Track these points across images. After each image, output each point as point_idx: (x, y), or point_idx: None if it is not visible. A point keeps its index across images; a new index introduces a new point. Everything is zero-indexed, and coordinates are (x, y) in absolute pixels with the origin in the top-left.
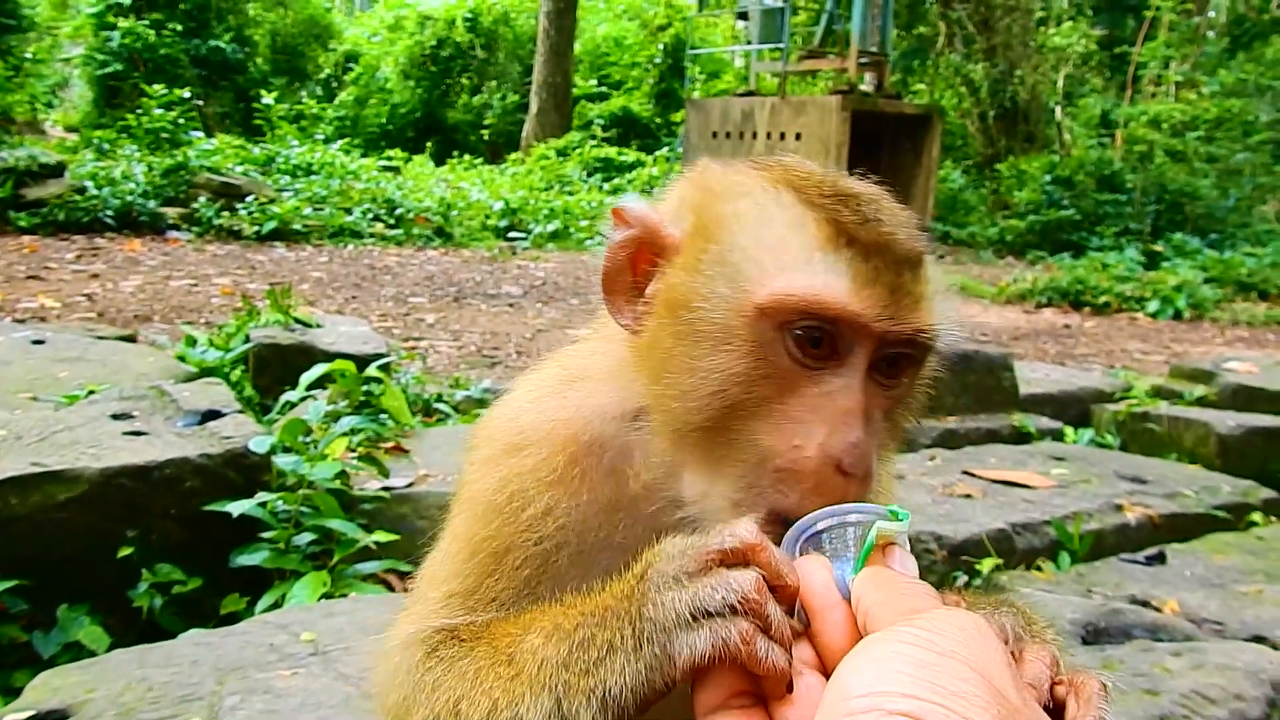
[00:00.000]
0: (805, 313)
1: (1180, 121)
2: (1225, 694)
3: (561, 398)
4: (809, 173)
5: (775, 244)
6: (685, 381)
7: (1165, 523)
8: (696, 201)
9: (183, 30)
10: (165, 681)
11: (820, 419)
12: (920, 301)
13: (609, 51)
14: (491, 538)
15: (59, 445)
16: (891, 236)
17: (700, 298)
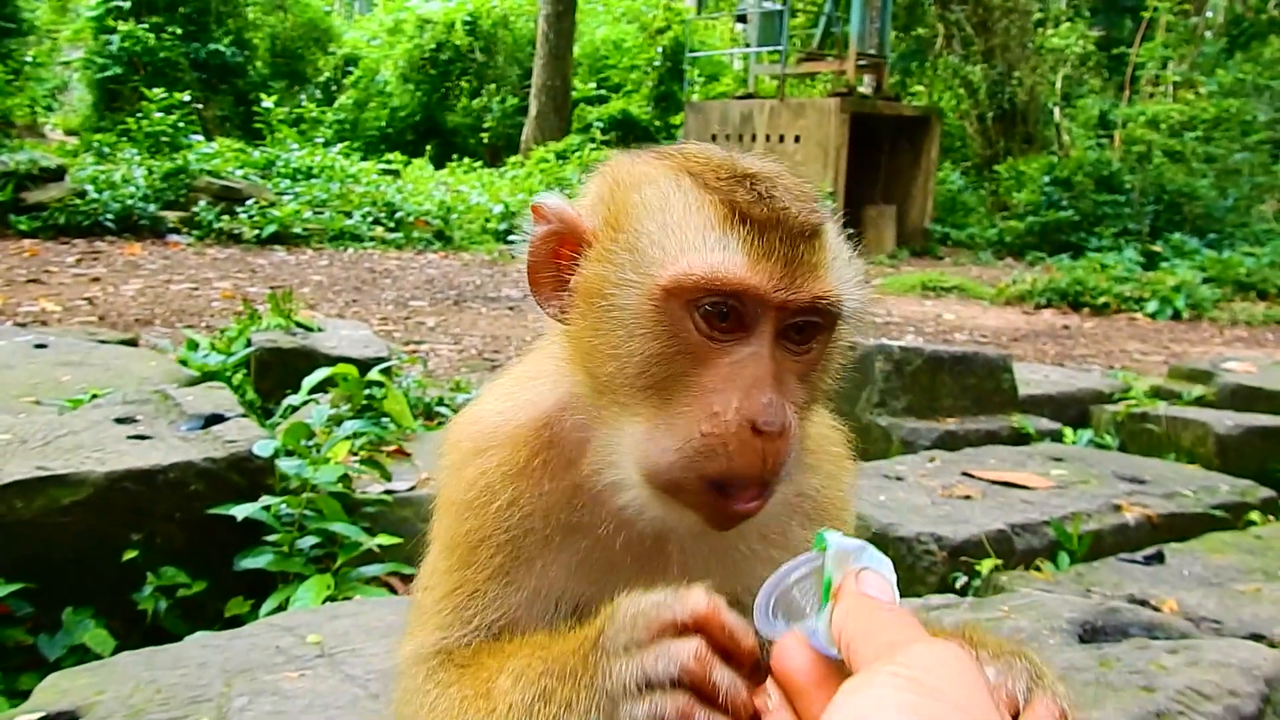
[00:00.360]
0: (706, 290)
1: (1178, 122)
2: (1220, 690)
3: (520, 397)
4: (708, 157)
5: (675, 228)
6: (610, 366)
7: (1164, 522)
8: (607, 193)
9: (182, 34)
10: (174, 683)
11: (734, 386)
12: (817, 271)
13: (608, 54)
14: (467, 534)
15: (63, 449)
16: (785, 211)
17: (613, 285)
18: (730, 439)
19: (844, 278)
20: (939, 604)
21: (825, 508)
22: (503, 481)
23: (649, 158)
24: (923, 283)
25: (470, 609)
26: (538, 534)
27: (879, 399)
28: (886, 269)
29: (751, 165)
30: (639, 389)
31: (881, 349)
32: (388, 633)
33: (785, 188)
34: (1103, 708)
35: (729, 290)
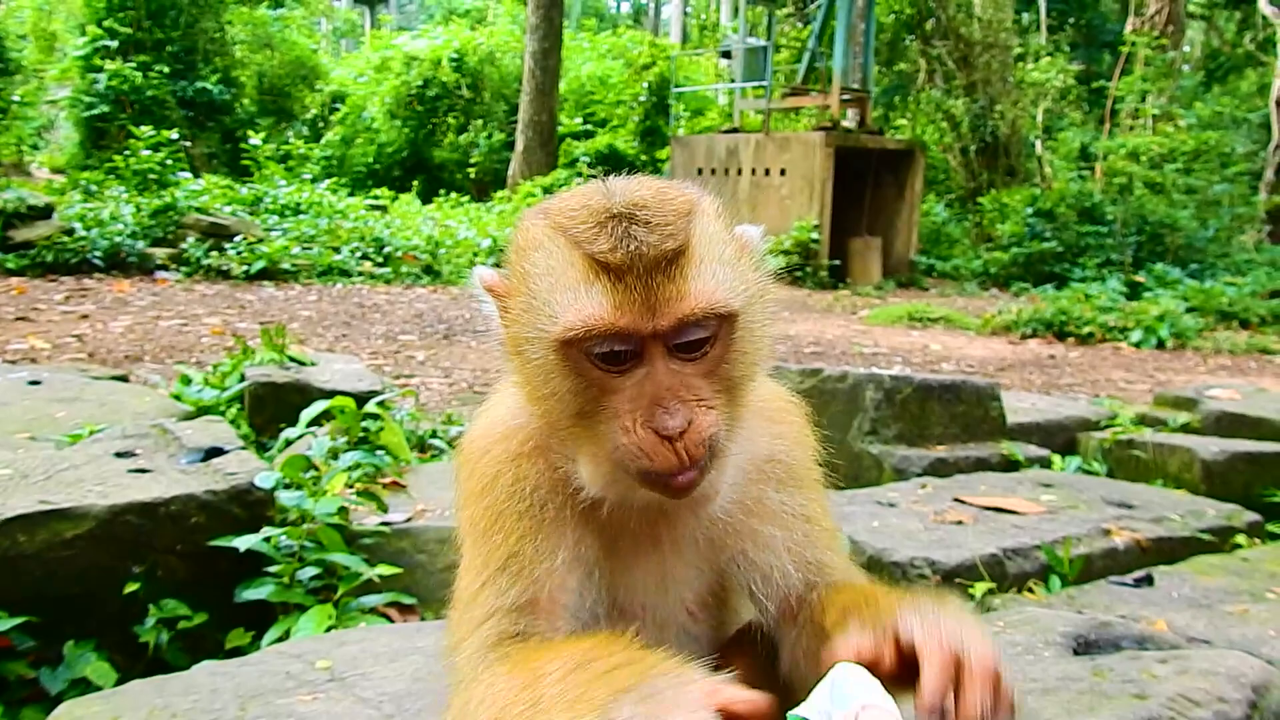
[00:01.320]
0: (588, 338)
1: (1158, 154)
2: (1209, 697)
3: (509, 405)
4: (578, 208)
5: (555, 289)
6: (543, 404)
7: (1152, 546)
8: (513, 258)
9: (169, 72)
10: (188, 709)
11: (638, 406)
12: (681, 293)
13: (594, 90)
14: (487, 509)
15: (65, 483)
16: (638, 250)
17: (525, 341)
18: (646, 448)
19: (718, 282)
20: None
21: (795, 470)
22: (508, 464)
23: (540, 217)
24: (909, 314)
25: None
26: (553, 507)
27: (870, 427)
28: (873, 300)
29: (615, 204)
30: (569, 418)
31: (872, 378)
32: (396, 657)
33: (644, 220)
34: (1098, 714)
35: (604, 335)
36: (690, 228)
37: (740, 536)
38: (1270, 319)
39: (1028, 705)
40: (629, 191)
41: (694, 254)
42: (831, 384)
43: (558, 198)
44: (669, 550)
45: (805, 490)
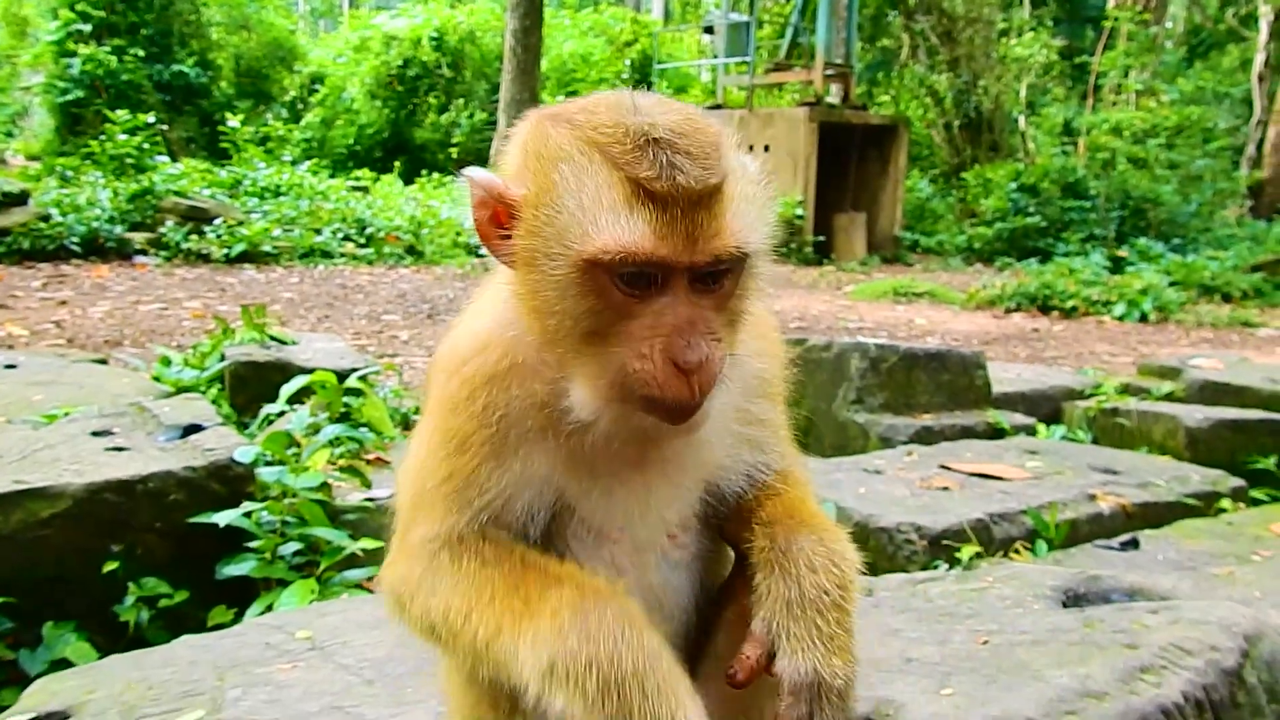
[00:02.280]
0: (621, 264)
1: (1141, 129)
2: (1201, 645)
3: (492, 314)
4: (614, 124)
5: (589, 207)
6: (548, 320)
7: (1138, 511)
8: (530, 166)
9: (145, 56)
10: (165, 680)
11: (656, 333)
12: (718, 230)
13: (576, 68)
14: (459, 428)
15: (40, 463)
16: (685, 183)
17: (543, 255)
18: (658, 375)
19: (747, 223)
20: (924, 578)
21: (771, 383)
22: (482, 386)
23: (564, 127)
24: (894, 289)
25: (469, 492)
26: (518, 430)
27: (856, 396)
28: (858, 276)
29: (653, 125)
30: (577, 337)
31: (857, 347)
32: (378, 625)
33: (686, 150)
34: (1089, 665)
35: (639, 262)
36: (723, 162)
37: (732, 442)
38: (1252, 293)
39: (1017, 657)
40: (661, 114)
41: (728, 190)
42: (817, 353)
43: (578, 106)
44: (653, 471)
45: (775, 400)
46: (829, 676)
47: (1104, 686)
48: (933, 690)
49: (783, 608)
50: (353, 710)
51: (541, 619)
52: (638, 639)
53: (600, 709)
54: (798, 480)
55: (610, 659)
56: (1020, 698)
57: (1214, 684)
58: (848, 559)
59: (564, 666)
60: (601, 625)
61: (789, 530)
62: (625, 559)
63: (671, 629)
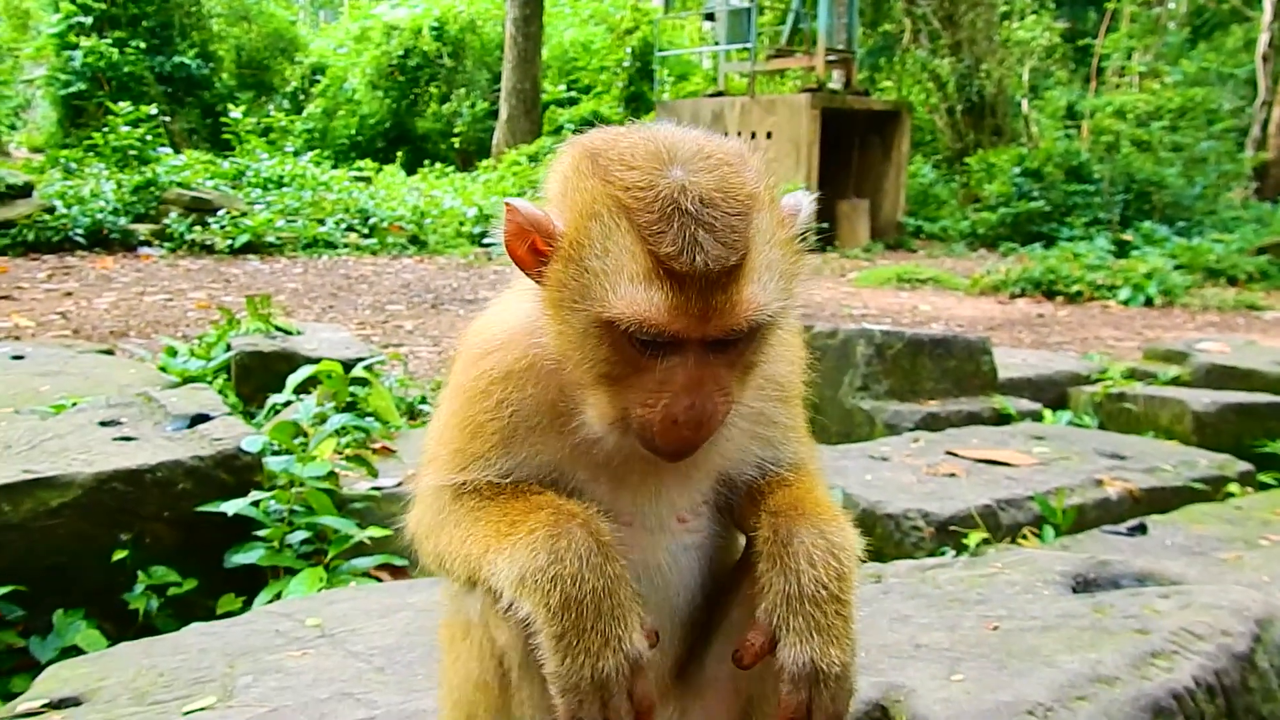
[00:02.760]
0: (637, 331)
1: (1145, 112)
2: (1212, 630)
3: (517, 309)
4: (645, 186)
5: (612, 273)
6: (569, 355)
7: (1145, 496)
8: (566, 210)
9: (146, 47)
10: (175, 667)
11: (664, 389)
12: (734, 306)
13: (577, 56)
14: (473, 416)
15: (49, 452)
16: (703, 265)
17: (569, 305)
18: (658, 425)
19: (765, 291)
20: (933, 564)
21: (789, 388)
22: (499, 381)
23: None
24: (898, 275)
25: (478, 465)
26: (530, 424)
27: (861, 383)
28: (861, 263)
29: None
30: (592, 377)
31: (863, 333)
32: (387, 613)
33: (710, 225)
34: (1100, 650)
35: (653, 333)
36: (750, 231)
37: (747, 441)
38: (1257, 275)
39: (1027, 642)
40: (694, 173)
41: (751, 262)
42: (822, 340)
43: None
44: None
45: (796, 403)
46: (826, 666)
47: (1115, 671)
48: (943, 675)
49: (782, 601)
50: (363, 697)
51: (519, 538)
52: (601, 565)
53: (559, 620)
54: (809, 470)
55: (573, 578)
56: (1031, 683)
57: (1225, 668)
58: (846, 550)
59: (532, 580)
60: (570, 547)
61: (791, 522)
62: (634, 541)
63: (678, 607)
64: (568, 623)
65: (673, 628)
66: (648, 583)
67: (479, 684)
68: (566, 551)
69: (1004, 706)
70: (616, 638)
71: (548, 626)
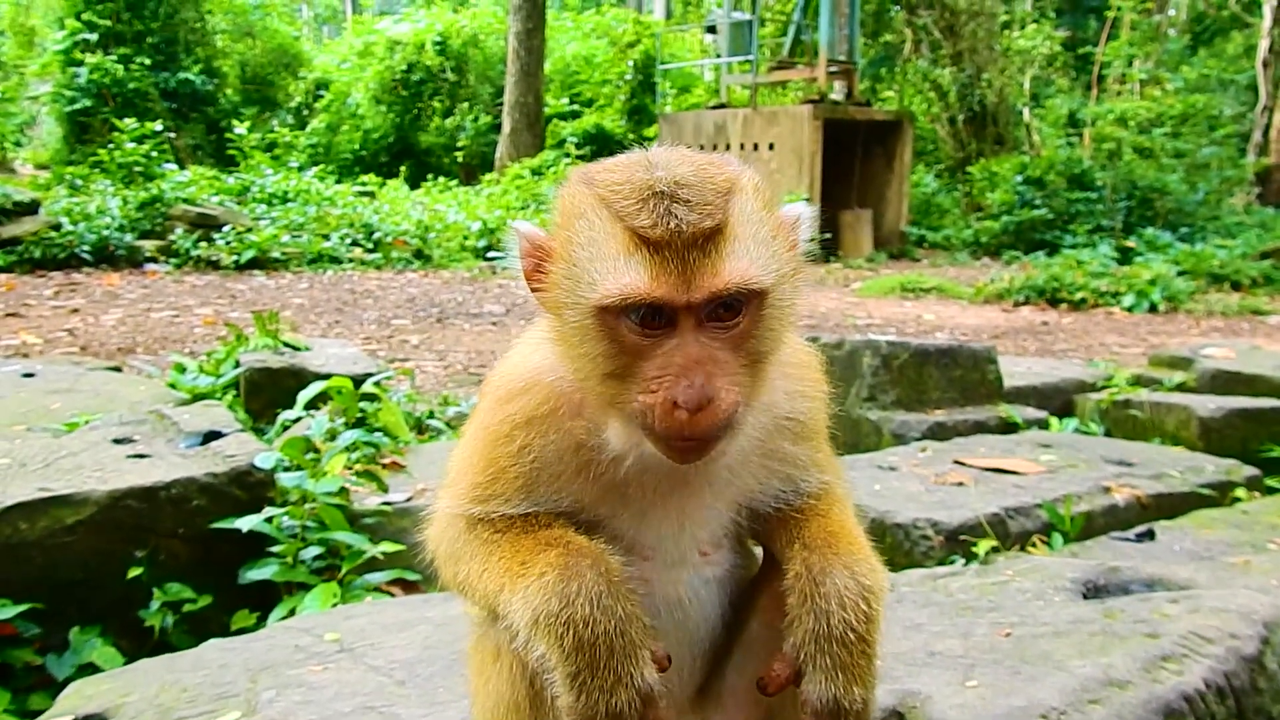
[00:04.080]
0: (625, 307)
1: (1146, 118)
2: (1221, 633)
3: (539, 354)
4: (626, 181)
5: (596, 259)
6: (578, 362)
7: (1153, 502)
8: (558, 222)
9: (151, 64)
10: (198, 682)
11: (665, 373)
12: (716, 269)
13: (579, 70)
14: (496, 458)
15: (64, 470)
16: (678, 227)
17: (564, 305)
18: (658, 411)
19: (752, 260)
20: (945, 573)
21: (810, 426)
22: (521, 427)
23: (583, 187)
24: (901, 285)
25: (495, 500)
26: (551, 469)
27: (868, 393)
28: (865, 272)
29: (659, 180)
30: (600, 378)
31: (869, 344)
32: (405, 627)
33: (685, 199)
34: (1110, 654)
35: (641, 304)
36: (729, 206)
37: (763, 475)
38: (1261, 280)
39: (1040, 648)
40: (672, 167)
41: (730, 232)
42: (828, 351)
43: (603, 167)
44: (686, 494)
45: (816, 440)
46: (848, 704)
47: (1126, 675)
48: (957, 682)
49: (811, 639)
50: (386, 710)
51: (531, 579)
52: (612, 606)
53: (573, 661)
54: (837, 497)
55: (585, 621)
56: (1044, 688)
57: (1235, 671)
58: (876, 593)
59: (545, 624)
60: (581, 591)
61: (825, 560)
62: (655, 575)
63: (699, 639)
64: (581, 663)
65: (693, 659)
66: (668, 616)
67: (512, 705)
68: (577, 596)
69: (1018, 711)
70: (629, 674)
71: (562, 666)
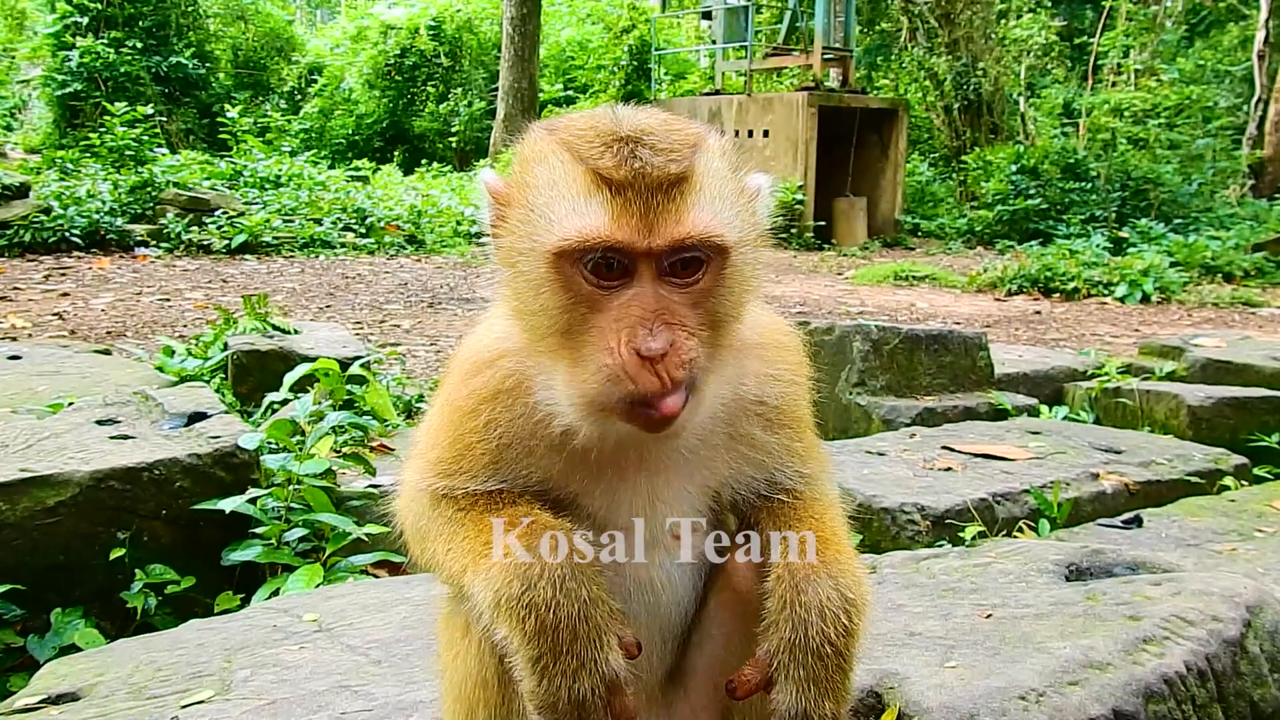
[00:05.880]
0: (582, 250)
1: (1141, 109)
2: (1203, 616)
3: (502, 330)
4: (590, 126)
5: (554, 200)
6: (530, 320)
7: (1141, 489)
8: (515, 169)
9: (142, 48)
10: (173, 662)
11: (623, 324)
12: (679, 216)
13: (574, 55)
14: (462, 434)
15: (46, 451)
16: (642, 169)
17: (518, 254)
18: (627, 367)
19: (716, 214)
20: (927, 555)
21: (784, 412)
22: (486, 401)
23: (545, 133)
24: (895, 273)
25: (462, 475)
26: (519, 445)
27: (858, 379)
28: (859, 260)
29: (625, 127)
30: (554, 335)
31: (859, 329)
32: (384, 607)
33: (651, 145)
34: (1091, 636)
35: (599, 246)
36: (695, 158)
37: (726, 464)
38: (1253, 271)
39: (1020, 630)
40: (637, 118)
41: (695, 183)
42: (819, 336)
43: (566, 117)
44: (656, 472)
45: (793, 428)
46: (818, 717)
47: (1107, 657)
48: (936, 663)
49: (786, 649)
50: (361, 689)
51: (495, 559)
52: (576, 589)
53: (535, 645)
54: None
55: (546, 604)
56: (1024, 669)
57: (1216, 654)
58: (858, 606)
59: (506, 606)
60: (544, 573)
61: (809, 568)
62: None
63: (670, 622)
64: (543, 647)
65: (663, 641)
66: (639, 599)
67: (480, 681)
68: (540, 578)
69: (996, 692)
70: (593, 660)
71: (523, 650)
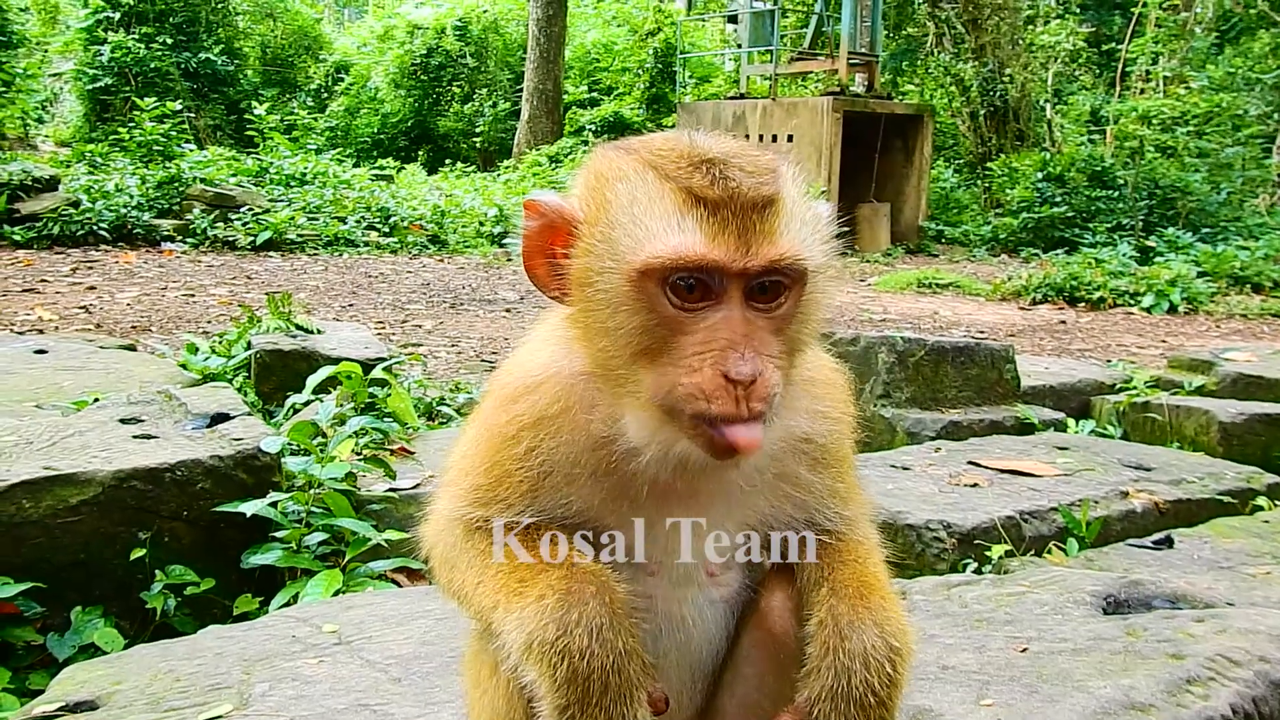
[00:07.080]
0: (673, 269)
1: (1170, 117)
2: (1250, 656)
3: (547, 353)
4: (671, 148)
5: (643, 218)
6: (603, 340)
7: (1171, 508)
8: (590, 188)
9: (172, 43)
10: (192, 672)
11: (709, 347)
12: (772, 237)
13: (599, 57)
14: (500, 460)
15: (69, 449)
16: (736, 189)
17: (597, 272)
18: (708, 388)
19: (802, 238)
20: (959, 581)
21: (830, 451)
22: (529, 428)
23: (622, 153)
24: (918, 280)
25: (498, 505)
26: (557, 475)
27: (883, 390)
28: (882, 267)
29: (709, 149)
30: (630, 357)
31: (884, 341)
32: (404, 620)
33: (739, 166)
34: (1133, 675)
35: (691, 266)
36: (779, 182)
37: (769, 501)
38: None
39: (1058, 666)
40: (718, 141)
41: (783, 206)
42: (843, 347)
43: (635, 139)
44: (696, 508)
45: (838, 468)
46: None
47: (1149, 698)
48: (971, 700)
49: (829, 697)
50: (380, 709)
51: (529, 601)
52: (612, 640)
53: (564, 694)
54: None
55: (581, 653)
56: (1063, 710)
57: (1264, 696)
58: (903, 655)
59: (539, 651)
60: (581, 620)
61: (854, 614)
62: (659, 591)
63: (702, 661)
64: (572, 696)
65: (693, 681)
66: (670, 636)
67: None
68: (576, 625)
69: None
70: (620, 715)
71: (551, 697)
